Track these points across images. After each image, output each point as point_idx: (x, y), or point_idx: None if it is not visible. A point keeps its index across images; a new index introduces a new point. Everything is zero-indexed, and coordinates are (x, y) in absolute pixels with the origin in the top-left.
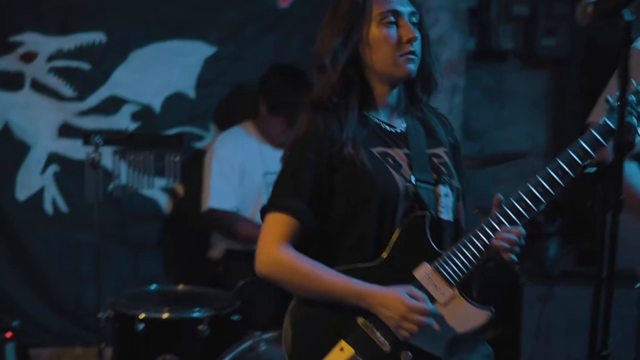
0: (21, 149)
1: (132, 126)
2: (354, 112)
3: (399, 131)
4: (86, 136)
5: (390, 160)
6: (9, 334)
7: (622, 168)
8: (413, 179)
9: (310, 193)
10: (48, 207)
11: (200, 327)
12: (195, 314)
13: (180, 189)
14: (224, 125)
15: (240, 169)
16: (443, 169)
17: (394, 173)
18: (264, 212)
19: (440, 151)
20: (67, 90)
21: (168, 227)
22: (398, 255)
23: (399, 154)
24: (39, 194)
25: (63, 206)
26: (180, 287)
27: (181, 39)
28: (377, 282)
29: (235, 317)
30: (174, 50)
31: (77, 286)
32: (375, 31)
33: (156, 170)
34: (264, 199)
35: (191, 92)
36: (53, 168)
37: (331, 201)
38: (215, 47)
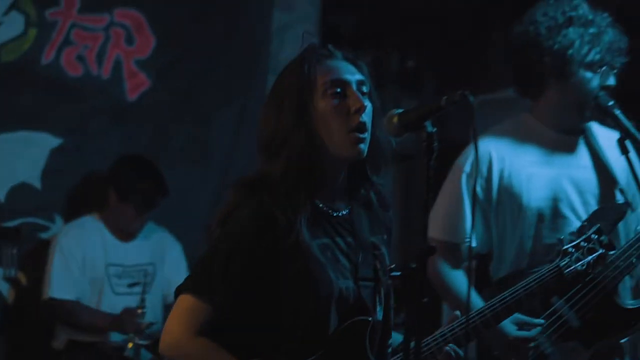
0: None
1: None
2: (306, 198)
3: (340, 215)
4: None
5: (329, 255)
6: None
7: (424, 272)
8: (353, 279)
9: (239, 284)
10: None
11: None
12: None
13: (23, 279)
14: (70, 216)
15: (82, 259)
16: (378, 263)
17: (330, 273)
18: (181, 289)
19: (378, 240)
20: None
21: (10, 316)
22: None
23: (340, 246)
24: None
25: None
26: None
27: (27, 129)
28: None
29: None
30: (20, 141)
31: None
32: (321, 104)
33: None
34: (106, 290)
35: (37, 183)
36: None
37: (261, 288)
38: (61, 138)
